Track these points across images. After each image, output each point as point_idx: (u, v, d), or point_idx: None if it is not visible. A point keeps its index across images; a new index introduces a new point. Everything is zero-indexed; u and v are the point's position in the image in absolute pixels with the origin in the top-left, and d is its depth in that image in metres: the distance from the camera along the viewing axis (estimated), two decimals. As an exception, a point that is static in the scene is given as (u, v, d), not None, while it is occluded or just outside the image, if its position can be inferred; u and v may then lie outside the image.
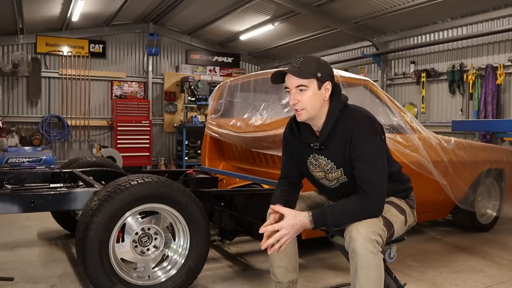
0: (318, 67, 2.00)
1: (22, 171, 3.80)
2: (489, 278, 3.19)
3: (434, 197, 3.87)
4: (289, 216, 1.96)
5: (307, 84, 1.99)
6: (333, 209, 2.00)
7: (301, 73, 1.98)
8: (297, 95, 2.00)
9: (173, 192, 2.67)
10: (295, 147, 2.22)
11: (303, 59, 2.01)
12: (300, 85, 1.99)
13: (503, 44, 6.99)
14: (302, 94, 1.99)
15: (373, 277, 1.89)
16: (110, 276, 2.49)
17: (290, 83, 2.01)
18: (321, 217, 1.98)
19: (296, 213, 1.99)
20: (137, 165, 9.50)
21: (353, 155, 2.00)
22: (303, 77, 1.98)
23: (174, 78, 10.80)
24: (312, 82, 1.99)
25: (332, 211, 1.98)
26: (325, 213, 1.98)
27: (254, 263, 3.49)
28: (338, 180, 2.12)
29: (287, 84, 2.03)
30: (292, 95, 2.02)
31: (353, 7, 7.92)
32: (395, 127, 3.63)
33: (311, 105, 2.00)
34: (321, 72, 2.00)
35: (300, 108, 2.01)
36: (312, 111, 2.02)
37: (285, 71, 2.03)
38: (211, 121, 4.46)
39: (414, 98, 8.45)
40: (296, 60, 2.02)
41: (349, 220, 1.97)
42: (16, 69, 8.89)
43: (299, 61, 2.01)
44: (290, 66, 2.03)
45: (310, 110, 2.01)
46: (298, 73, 1.98)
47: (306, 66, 1.99)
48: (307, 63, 2.00)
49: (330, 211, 1.99)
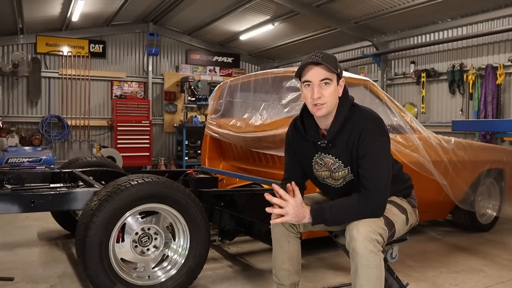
0: (336, 63, 2.00)
1: (22, 171, 3.80)
2: (489, 278, 3.19)
3: (434, 197, 3.87)
4: (297, 198, 1.99)
5: (332, 78, 1.97)
6: (331, 205, 2.01)
7: (331, 65, 1.95)
8: (321, 89, 1.97)
9: (173, 192, 2.66)
10: (300, 147, 2.21)
11: (323, 54, 1.98)
12: (326, 79, 1.96)
13: (503, 44, 6.99)
14: (326, 88, 1.97)
15: (374, 276, 1.89)
16: (110, 276, 2.49)
17: (315, 76, 1.97)
18: (319, 211, 1.99)
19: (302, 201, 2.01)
20: (137, 165, 9.50)
21: (360, 153, 2.00)
22: (331, 71, 1.96)
23: (174, 78, 10.80)
24: (334, 77, 1.99)
25: (331, 207, 1.99)
26: (323, 208, 2.00)
27: (254, 263, 3.48)
28: (344, 179, 2.12)
29: (309, 77, 1.98)
30: (316, 88, 1.97)
31: (353, 7, 7.92)
32: (395, 127, 3.63)
33: (331, 100, 1.99)
34: (339, 68, 2.01)
35: (322, 102, 1.97)
36: (331, 107, 2.01)
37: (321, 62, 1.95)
38: (211, 121, 4.46)
39: (414, 98, 8.45)
40: (317, 54, 1.98)
41: (347, 217, 1.97)
42: (16, 69, 8.89)
43: (321, 55, 1.97)
44: (311, 59, 1.97)
45: (329, 105, 2.00)
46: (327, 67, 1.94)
47: (329, 60, 1.97)
48: (329, 57, 1.98)
49: (329, 206, 2.00)
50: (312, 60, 1.96)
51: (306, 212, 1.98)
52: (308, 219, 1.99)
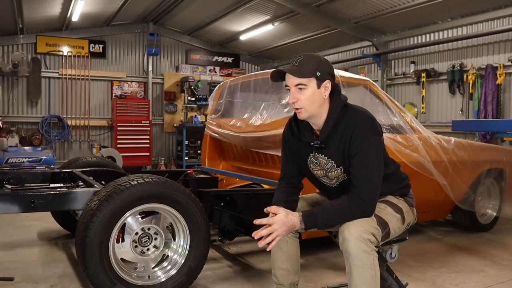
0: (318, 66, 2.00)
1: (22, 171, 3.80)
2: (489, 278, 3.19)
3: (434, 197, 3.87)
4: (281, 214, 1.98)
5: (306, 83, 1.99)
6: (322, 209, 2.01)
7: (300, 72, 1.98)
8: (297, 93, 2.01)
9: (173, 192, 2.66)
10: (295, 147, 2.22)
11: (303, 58, 2.02)
12: (299, 84, 1.99)
13: (503, 44, 6.99)
14: (301, 92, 2.00)
15: (368, 276, 1.89)
16: (110, 276, 2.48)
17: (290, 82, 2.02)
18: (311, 217, 1.99)
19: (288, 212, 2.00)
20: (137, 165, 9.50)
21: (352, 152, 2.00)
22: (301, 76, 1.98)
23: (174, 78, 10.80)
24: (311, 81, 2.00)
25: (322, 211, 1.99)
26: (315, 214, 1.99)
27: (254, 263, 3.49)
28: (338, 178, 2.13)
29: (287, 82, 2.04)
30: (291, 93, 2.02)
31: (353, 7, 7.92)
32: (395, 127, 3.63)
33: (309, 104, 2.01)
34: (320, 71, 2.00)
35: (299, 106, 2.02)
36: (311, 110, 2.02)
37: (284, 70, 2.03)
38: (211, 121, 4.46)
39: (414, 98, 8.45)
40: (296, 58, 2.03)
41: (339, 220, 1.97)
42: (16, 69, 8.88)
43: (299, 60, 2.01)
44: (290, 64, 2.03)
45: (309, 109, 2.02)
46: (297, 72, 1.99)
47: (306, 65, 1.99)
48: (307, 62, 2.00)
49: (320, 211, 2.00)
50: (287, 67, 2.01)
51: (295, 220, 1.98)
52: (300, 225, 1.99)
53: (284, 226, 1.95)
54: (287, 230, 1.97)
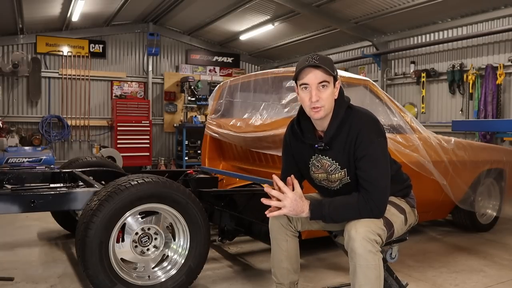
0: (332, 65, 2.00)
1: (22, 171, 3.80)
2: (489, 278, 3.19)
3: (434, 197, 3.87)
4: (296, 193, 1.99)
5: (329, 81, 1.98)
6: (331, 201, 2.01)
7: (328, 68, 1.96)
8: (318, 92, 1.97)
9: (173, 192, 2.66)
10: (297, 149, 2.21)
11: (320, 56, 1.99)
12: (324, 81, 1.96)
13: (503, 44, 6.99)
14: (323, 90, 1.97)
15: (372, 276, 1.89)
16: (110, 276, 2.48)
17: (313, 79, 1.96)
18: (318, 207, 1.99)
19: (303, 196, 2.01)
20: (137, 165, 9.50)
21: (358, 155, 2.00)
22: (328, 74, 1.96)
23: (174, 78, 10.80)
24: (331, 80, 1.99)
25: (330, 203, 2.00)
26: (322, 204, 2.00)
27: (254, 263, 3.48)
28: (341, 181, 2.12)
29: (307, 80, 1.98)
30: (313, 91, 1.97)
31: (353, 7, 7.92)
32: (395, 127, 3.63)
33: (329, 103, 2.00)
34: (335, 70, 2.01)
35: (320, 105, 1.97)
36: (328, 109, 2.01)
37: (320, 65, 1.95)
38: (211, 121, 4.46)
39: (414, 98, 8.45)
40: (314, 56, 1.98)
41: (346, 215, 1.97)
42: (16, 69, 8.89)
43: (318, 58, 1.97)
44: (307, 61, 1.98)
45: (327, 108, 2.00)
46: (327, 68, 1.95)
47: (326, 63, 1.97)
48: (325, 60, 1.98)
49: (328, 202, 2.00)
50: (309, 63, 1.96)
51: (305, 206, 1.98)
52: (307, 213, 1.99)
53: (294, 204, 1.96)
54: (294, 210, 1.97)
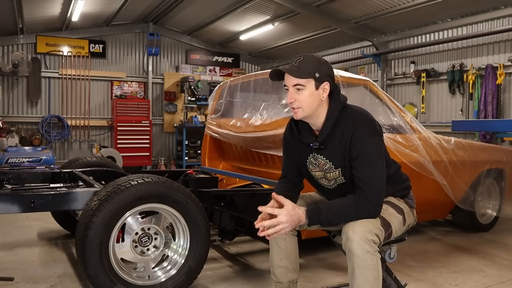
0: (317, 67, 2.00)
1: (22, 171, 3.80)
2: (489, 278, 3.19)
3: (434, 197, 3.87)
4: (289, 206, 1.95)
5: (304, 84, 1.99)
6: (327, 206, 2.01)
7: (298, 72, 1.99)
8: (294, 93, 2.01)
9: (173, 192, 2.66)
10: (295, 147, 2.23)
11: (302, 58, 2.02)
12: (297, 84, 2.00)
13: (503, 44, 6.99)
14: (299, 93, 2.01)
15: (371, 277, 1.89)
16: (110, 276, 2.49)
17: (288, 82, 2.03)
18: (315, 213, 1.98)
19: (295, 205, 1.99)
20: (137, 165, 9.50)
21: (353, 155, 2.00)
22: (300, 77, 1.99)
23: (174, 78, 10.80)
24: (309, 82, 2.00)
25: (327, 208, 1.99)
26: (319, 209, 1.99)
27: (254, 263, 3.48)
28: (336, 180, 2.13)
29: (285, 82, 2.05)
30: (289, 93, 2.03)
31: (353, 7, 7.92)
32: (395, 127, 3.63)
33: (307, 105, 2.01)
34: (319, 72, 2.00)
35: (296, 106, 2.02)
36: (308, 110, 2.03)
37: (283, 70, 2.04)
38: (211, 121, 4.46)
39: (414, 98, 8.45)
40: (296, 59, 2.03)
41: (343, 218, 1.97)
42: (16, 69, 8.89)
43: (299, 60, 2.02)
44: (290, 65, 2.04)
45: (306, 109, 2.02)
46: (296, 73, 1.99)
47: (305, 65, 1.99)
48: (306, 62, 2.01)
49: (325, 207, 1.99)
50: (286, 67, 2.02)
51: (301, 214, 1.96)
52: (304, 219, 1.98)
53: (290, 219, 1.92)
54: (292, 224, 1.94)
